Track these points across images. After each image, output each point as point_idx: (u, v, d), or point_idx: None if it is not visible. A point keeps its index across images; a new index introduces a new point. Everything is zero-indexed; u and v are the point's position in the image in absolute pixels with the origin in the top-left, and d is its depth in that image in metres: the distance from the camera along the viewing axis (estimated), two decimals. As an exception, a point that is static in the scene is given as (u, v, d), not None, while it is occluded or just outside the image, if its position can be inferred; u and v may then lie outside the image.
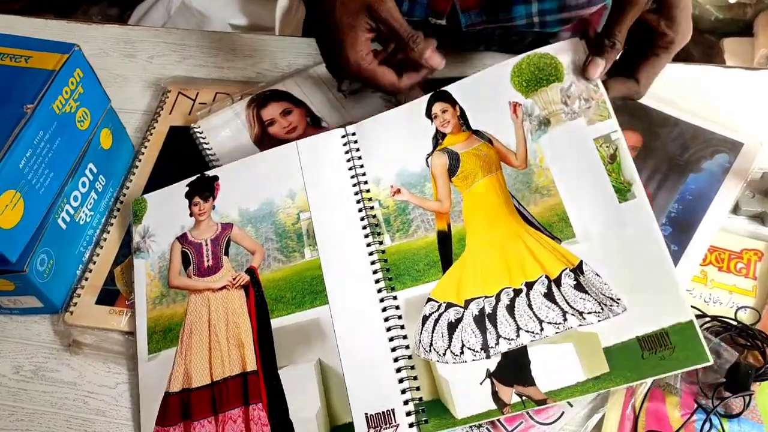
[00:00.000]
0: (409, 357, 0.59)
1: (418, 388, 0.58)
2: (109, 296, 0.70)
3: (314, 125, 0.79)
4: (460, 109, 0.68)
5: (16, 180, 0.62)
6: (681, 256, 0.66)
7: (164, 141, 0.82)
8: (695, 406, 0.58)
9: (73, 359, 0.67)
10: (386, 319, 0.61)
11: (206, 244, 0.69)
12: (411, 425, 0.57)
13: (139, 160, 0.80)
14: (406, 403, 0.58)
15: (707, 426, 0.56)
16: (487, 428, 0.58)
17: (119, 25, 0.96)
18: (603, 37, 0.64)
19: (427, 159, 0.67)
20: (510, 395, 0.56)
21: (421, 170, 0.67)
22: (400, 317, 0.61)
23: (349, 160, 0.69)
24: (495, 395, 0.57)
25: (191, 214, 0.71)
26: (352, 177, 0.68)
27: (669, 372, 0.54)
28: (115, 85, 0.87)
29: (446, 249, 0.64)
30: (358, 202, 0.67)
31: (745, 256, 0.66)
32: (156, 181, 0.78)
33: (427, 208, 0.66)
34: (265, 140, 0.78)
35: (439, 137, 0.68)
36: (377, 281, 0.63)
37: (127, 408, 0.64)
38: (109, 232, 0.74)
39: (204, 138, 0.79)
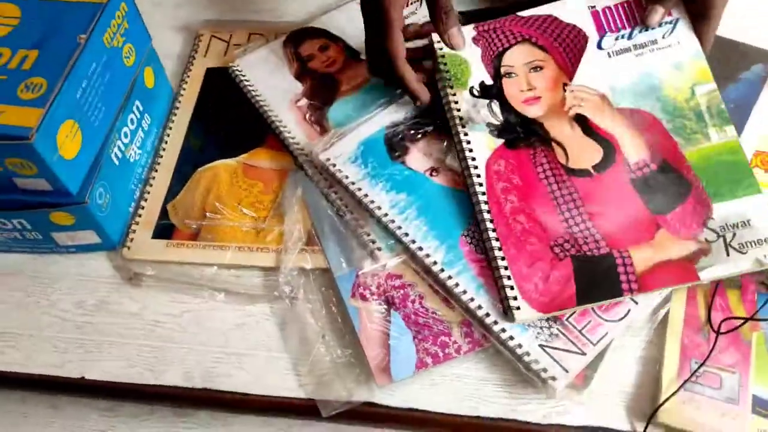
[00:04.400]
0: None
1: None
2: (164, 231, 0.70)
3: (354, 58, 0.79)
4: None
5: (75, 110, 0.62)
6: None
7: (202, 83, 0.82)
8: (757, 297, 0.60)
9: (134, 291, 0.68)
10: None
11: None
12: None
13: (180, 102, 0.80)
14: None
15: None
16: (557, 328, 0.60)
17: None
18: None
19: None
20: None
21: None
22: None
23: None
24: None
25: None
26: None
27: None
28: (146, 32, 0.87)
29: None
30: None
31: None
32: (197, 124, 0.78)
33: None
34: (305, 75, 0.79)
35: None
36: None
37: (193, 333, 0.65)
38: (157, 171, 0.74)
39: (245, 75, 0.79)
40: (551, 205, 0.63)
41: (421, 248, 0.64)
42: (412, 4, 0.85)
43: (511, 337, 0.59)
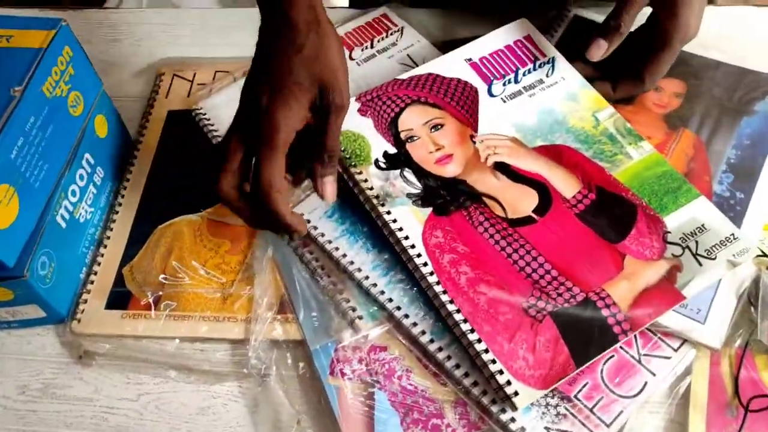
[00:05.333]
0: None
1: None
2: (119, 299, 0.63)
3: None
4: None
5: (9, 173, 0.54)
6: (748, 204, 0.60)
7: (163, 129, 0.74)
8: (789, 364, 0.53)
9: (85, 372, 0.60)
10: None
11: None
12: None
13: (138, 150, 0.72)
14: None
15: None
16: (565, 407, 0.52)
17: (97, 8, 0.88)
18: (609, 19, 0.64)
19: None
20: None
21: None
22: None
23: None
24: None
25: None
26: None
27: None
28: (101, 72, 0.79)
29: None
30: None
31: (816, 199, 0.62)
32: (158, 175, 0.71)
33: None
34: (276, 117, 0.71)
35: None
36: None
37: (153, 421, 0.57)
38: (112, 230, 0.67)
39: (208, 119, 0.72)
40: (507, 263, 0.56)
41: (407, 315, 0.57)
42: (392, 35, 0.78)
43: (513, 419, 0.52)
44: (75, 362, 0.60)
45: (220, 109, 0.72)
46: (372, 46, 0.77)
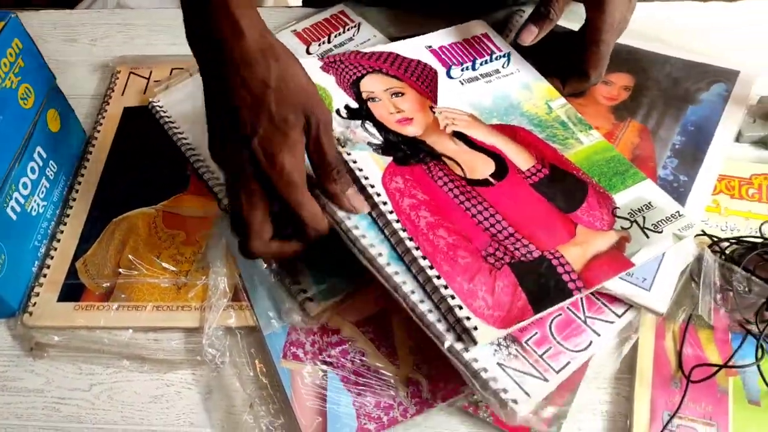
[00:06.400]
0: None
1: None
2: (72, 292, 0.62)
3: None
4: None
5: (-44, 162, 0.54)
6: (691, 187, 0.62)
7: (119, 124, 0.74)
8: (730, 336, 0.55)
9: (37, 364, 0.59)
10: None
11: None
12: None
13: (93, 146, 0.72)
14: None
15: (761, 353, 0.52)
16: (516, 349, 0.53)
17: (54, 9, 0.88)
18: (539, 6, 0.66)
19: None
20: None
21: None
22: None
23: None
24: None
25: None
26: None
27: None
28: (57, 70, 0.78)
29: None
30: None
31: (756, 181, 0.63)
32: (113, 170, 0.71)
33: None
34: (231, 111, 0.72)
35: None
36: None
37: (104, 410, 0.57)
38: (66, 224, 0.66)
39: (166, 112, 0.72)
40: (466, 216, 0.57)
41: (364, 236, 0.55)
42: (349, 30, 0.79)
43: (466, 349, 0.51)
44: (26, 354, 0.60)
45: (177, 104, 0.72)
46: (329, 41, 0.78)
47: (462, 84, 0.68)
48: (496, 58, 0.70)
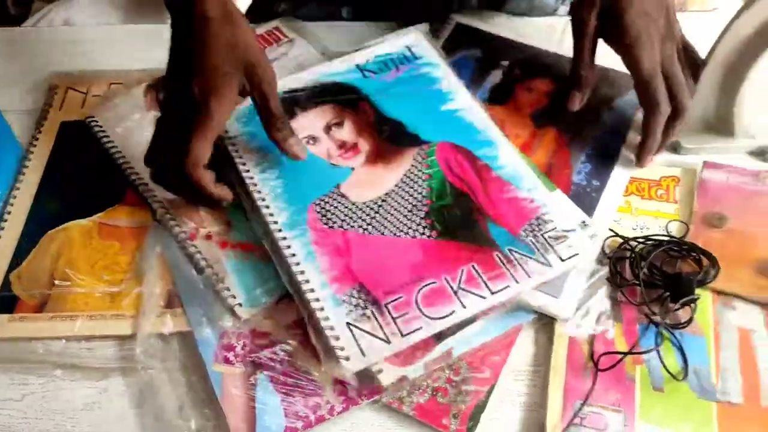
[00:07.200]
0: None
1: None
2: (6, 304, 0.63)
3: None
4: None
5: None
6: (603, 190, 0.66)
7: (56, 139, 0.75)
8: (639, 328, 0.58)
9: (-32, 375, 0.60)
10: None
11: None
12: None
13: (29, 161, 0.73)
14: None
15: (659, 339, 0.56)
16: (372, 311, 0.57)
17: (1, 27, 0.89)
18: (573, 72, 0.69)
19: None
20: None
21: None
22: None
23: None
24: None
25: None
26: None
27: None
28: (-8, 88, 0.80)
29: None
30: None
31: (664, 182, 0.67)
32: (50, 184, 0.71)
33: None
34: (167, 124, 0.74)
35: None
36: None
37: (36, 419, 0.57)
38: (0, 237, 0.67)
39: (101, 126, 0.73)
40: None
41: (267, 207, 0.62)
42: (283, 45, 0.82)
43: (322, 309, 0.57)
44: (-43, 366, 0.60)
45: (113, 118, 0.74)
46: (264, 57, 0.81)
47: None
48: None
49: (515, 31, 0.80)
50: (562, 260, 0.59)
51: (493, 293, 0.57)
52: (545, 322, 0.60)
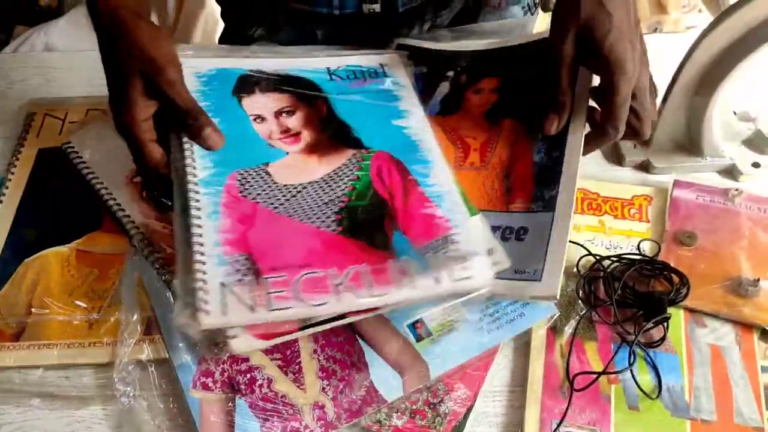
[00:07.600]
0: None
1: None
2: (-18, 333, 0.63)
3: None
4: None
5: None
6: (563, 156, 0.63)
7: (33, 166, 0.76)
8: (613, 347, 0.59)
9: (-57, 407, 0.59)
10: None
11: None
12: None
13: (6, 188, 0.73)
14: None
15: (632, 358, 0.57)
16: (251, 279, 0.56)
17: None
18: (554, 96, 0.64)
19: None
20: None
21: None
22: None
23: None
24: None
25: None
26: None
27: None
28: (-30, 115, 0.80)
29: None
30: None
31: (636, 201, 0.69)
32: (27, 211, 0.71)
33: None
34: (145, 150, 0.74)
35: None
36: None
37: (14, 450, 0.57)
38: (-23, 265, 0.67)
39: (77, 152, 0.73)
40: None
41: (193, 161, 0.61)
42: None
43: (204, 263, 0.56)
44: (-69, 397, 0.60)
45: (90, 145, 0.74)
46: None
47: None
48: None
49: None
50: (453, 280, 0.58)
51: (373, 296, 0.57)
52: (522, 343, 0.60)
